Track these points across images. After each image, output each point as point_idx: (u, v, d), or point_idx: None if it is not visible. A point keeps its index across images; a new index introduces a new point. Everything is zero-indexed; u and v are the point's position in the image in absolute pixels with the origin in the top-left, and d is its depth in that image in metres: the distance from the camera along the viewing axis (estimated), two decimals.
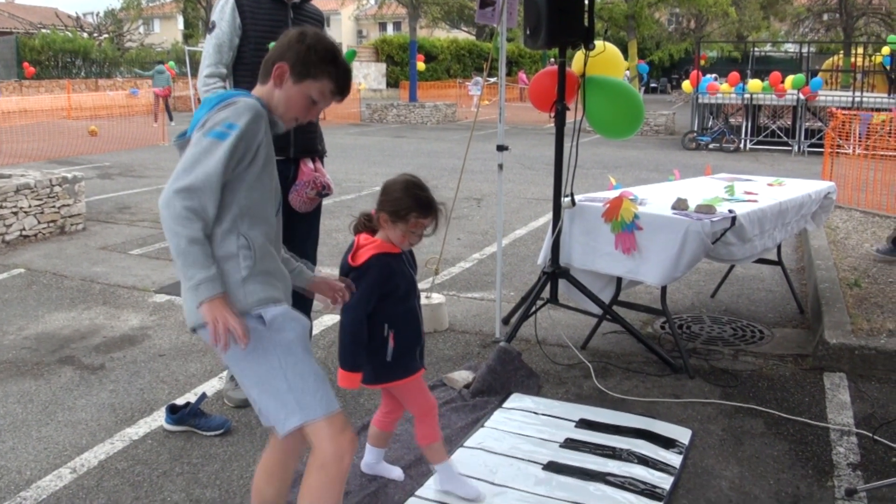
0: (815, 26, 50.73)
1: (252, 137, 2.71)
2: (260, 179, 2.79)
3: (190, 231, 2.57)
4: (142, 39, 52.30)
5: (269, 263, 2.83)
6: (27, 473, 3.99)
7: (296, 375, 2.73)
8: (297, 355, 2.76)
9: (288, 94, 2.85)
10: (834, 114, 14.33)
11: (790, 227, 6.12)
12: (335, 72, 2.87)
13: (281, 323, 2.77)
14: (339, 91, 2.92)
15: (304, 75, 2.83)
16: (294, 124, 2.95)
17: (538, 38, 5.32)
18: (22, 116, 25.59)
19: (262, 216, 2.82)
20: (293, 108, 2.88)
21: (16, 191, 8.81)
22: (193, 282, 2.58)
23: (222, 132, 2.66)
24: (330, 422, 2.76)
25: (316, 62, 2.82)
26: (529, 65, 53.70)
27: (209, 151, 2.63)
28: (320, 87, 2.86)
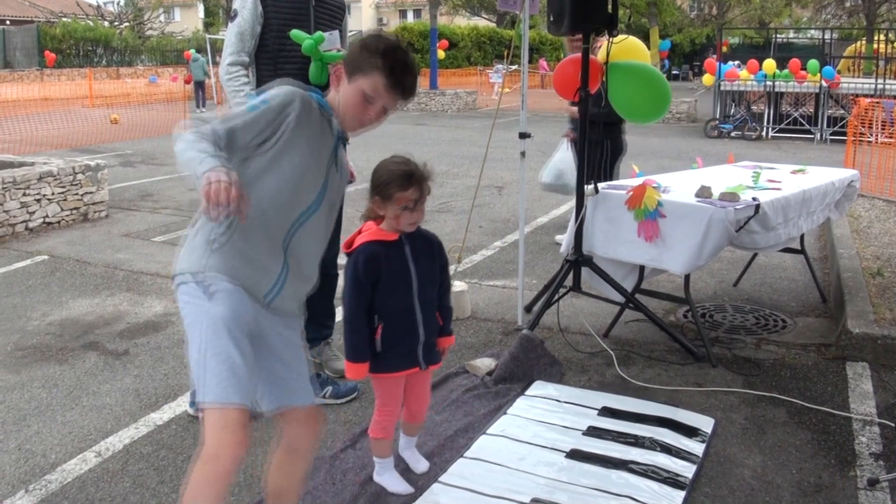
0: (837, 12, 50.28)
1: (278, 116, 2.68)
2: (277, 162, 2.72)
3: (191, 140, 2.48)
4: (162, 28, 52.48)
5: (252, 249, 2.72)
6: (52, 457, 4.03)
7: (209, 351, 2.58)
8: (219, 333, 2.60)
9: (345, 94, 2.82)
10: (857, 101, 14.22)
11: (815, 217, 6.09)
12: (384, 63, 2.75)
13: (220, 297, 2.64)
14: (395, 84, 2.79)
15: (354, 71, 2.78)
16: (360, 129, 2.89)
17: (561, 24, 5.30)
18: (43, 104, 25.71)
19: (268, 202, 2.71)
20: (349, 107, 2.82)
21: (39, 178, 8.86)
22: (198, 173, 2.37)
23: (256, 104, 2.68)
24: (221, 413, 2.55)
25: (365, 56, 2.77)
26: (550, 52, 53.48)
27: (241, 115, 2.65)
28: (372, 83, 2.76)
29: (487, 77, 40.94)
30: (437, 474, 3.81)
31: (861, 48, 30.66)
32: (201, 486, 2.55)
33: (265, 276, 2.76)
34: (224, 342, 2.59)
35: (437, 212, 10.09)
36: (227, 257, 2.68)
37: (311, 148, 2.78)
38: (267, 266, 2.76)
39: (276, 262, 2.77)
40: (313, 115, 2.77)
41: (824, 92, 19.51)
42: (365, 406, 4.58)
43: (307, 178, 2.79)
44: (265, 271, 2.76)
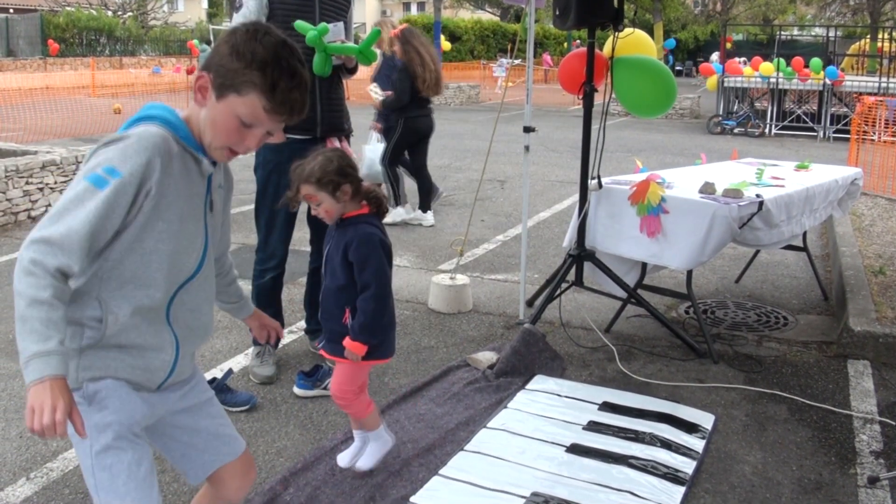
0: (841, 10, 50.23)
1: (138, 191, 2.10)
2: (140, 240, 2.16)
3: (33, 290, 1.97)
4: (166, 18, 52.43)
5: (135, 336, 2.22)
6: (53, 445, 4.03)
7: (103, 470, 2.16)
8: (112, 445, 2.17)
9: (212, 114, 2.18)
10: (860, 99, 14.20)
11: (818, 214, 6.09)
12: (264, 80, 2.12)
13: (103, 399, 2.19)
14: (279, 106, 2.17)
15: (225, 87, 2.14)
16: (228, 157, 2.27)
17: (567, 18, 5.29)
18: (46, 93, 25.69)
19: (139, 284, 2.19)
20: (221, 133, 2.19)
21: (42, 167, 8.86)
22: (24, 356, 1.95)
23: (100, 178, 2.05)
24: None
25: (238, 69, 2.12)
26: (554, 46, 53.49)
27: (81, 201, 2.03)
28: (250, 106, 2.14)
29: (491, 71, 40.91)
30: (438, 467, 3.81)
31: (865, 46, 30.62)
32: None
33: (155, 361, 2.29)
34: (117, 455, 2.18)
35: (439, 205, 10.08)
36: (106, 355, 2.21)
37: (179, 208, 2.22)
38: (157, 346, 2.29)
39: (165, 338, 2.30)
40: (175, 165, 2.18)
41: (828, 89, 19.48)
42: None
43: (182, 243, 2.26)
44: (156, 353, 2.29)
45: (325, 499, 3.55)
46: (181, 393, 2.44)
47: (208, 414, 2.52)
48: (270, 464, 3.87)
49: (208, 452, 2.51)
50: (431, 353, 5.30)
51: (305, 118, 4.71)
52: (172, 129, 2.19)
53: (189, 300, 2.33)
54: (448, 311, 6.05)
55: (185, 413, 2.46)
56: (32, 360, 1.94)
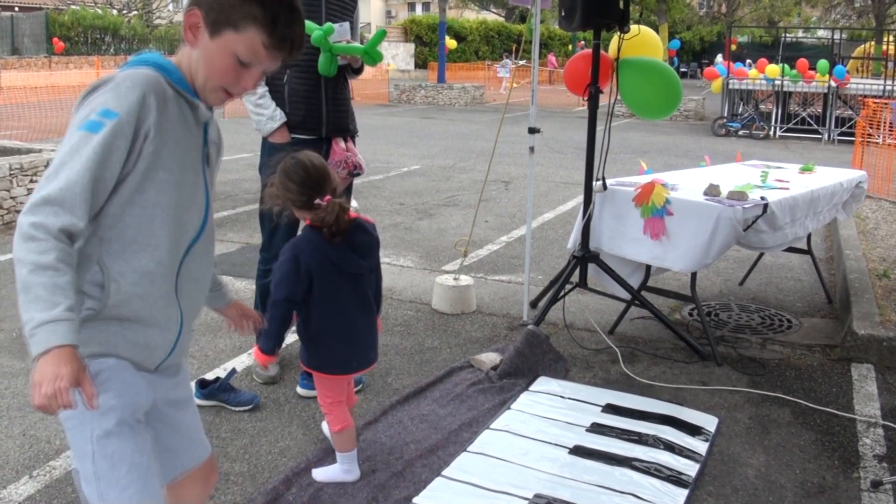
0: (846, 12, 50.20)
1: (136, 130, 1.96)
2: (141, 191, 2.01)
3: (35, 255, 1.81)
4: (171, 17, 52.40)
5: (137, 308, 2.08)
6: (56, 443, 4.03)
7: (104, 458, 2.02)
8: (115, 431, 2.04)
9: (206, 53, 2.04)
10: (865, 102, 14.18)
11: (822, 217, 6.08)
12: (264, 14, 2.00)
13: (106, 381, 2.03)
14: (281, 41, 2.05)
15: (221, 23, 2.01)
16: (223, 99, 2.13)
17: (573, 19, 5.29)
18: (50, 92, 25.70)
19: (143, 243, 2.05)
20: (215, 73, 2.06)
21: (46, 165, 8.86)
22: (28, 327, 1.81)
23: (95, 122, 1.91)
24: None
25: (235, 3, 1.99)
26: (559, 47, 53.48)
27: (77, 150, 1.90)
28: (248, 42, 2.02)
29: (495, 72, 40.93)
30: (441, 468, 3.81)
31: (870, 49, 30.58)
32: None
33: (157, 338, 2.16)
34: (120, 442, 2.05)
35: (443, 206, 10.09)
36: (106, 330, 2.07)
37: (179, 156, 2.08)
38: (162, 323, 2.16)
39: (171, 313, 2.17)
40: (170, 107, 2.04)
41: (832, 92, 19.47)
42: (369, 398, 4.59)
43: (184, 196, 2.12)
44: (160, 331, 2.16)
45: (328, 499, 3.55)
46: (174, 381, 2.31)
47: (192, 412, 2.42)
48: (273, 463, 3.87)
49: (179, 456, 2.37)
50: (435, 353, 5.30)
51: (311, 118, 4.73)
52: (164, 72, 2.05)
53: (194, 269, 2.20)
54: (451, 311, 6.05)
55: (172, 406, 2.33)
56: (38, 329, 1.78)
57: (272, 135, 4.54)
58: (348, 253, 3.38)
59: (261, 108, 4.50)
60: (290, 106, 4.55)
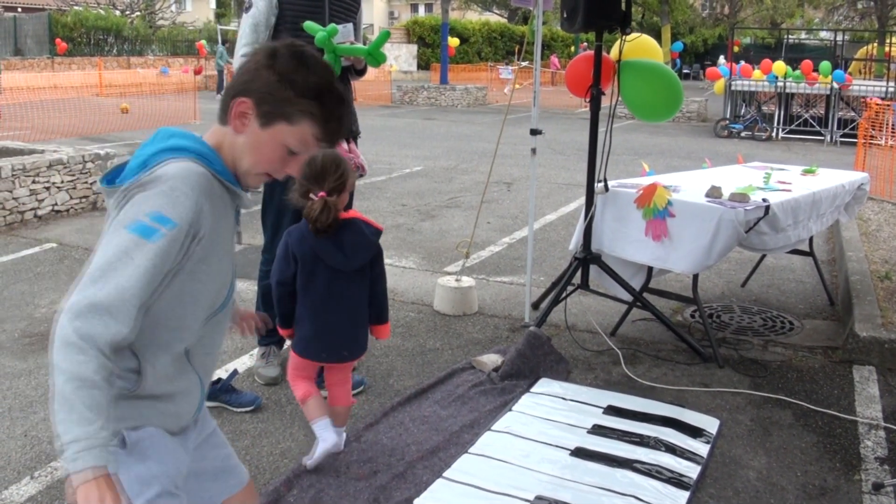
0: (849, 14, 50.19)
1: (190, 238, 1.93)
2: (181, 283, 2.00)
3: (77, 367, 1.74)
4: (174, 18, 52.48)
5: (168, 386, 2.08)
6: (58, 444, 4.03)
7: None
8: (155, 500, 2.02)
9: (255, 142, 2.04)
10: (867, 104, 14.17)
11: (825, 219, 6.08)
12: (320, 109, 2.02)
13: (145, 449, 2.03)
14: (330, 134, 2.08)
15: (275, 116, 2.02)
16: (264, 181, 2.14)
17: (575, 21, 5.29)
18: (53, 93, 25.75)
19: (176, 329, 2.05)
20: (263, 161, 2.06)
21: (48, 166, 8.87)
22: (64, 438, 1.73)
23: (148, 228, 1.85)
24: None
25: (291, 97, 2.00)
26: (562, 49, 53.46)
27: (128, 254, 1.83)
28: (300, 134, 2.03)
29: (498, 73, 40.92)
30: (442, 470, 3.81)
31: (873, 51, 30.58)
32: None
33: (185, 405, 2.17)
34: None
35: (445, 207, 10.09)
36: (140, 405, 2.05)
37: (221, 244, 2.09)
38: (187, 391, 2.16)
39: (191, 381, 2.17)
40: (217, 203, 2.03)
41: (835, 94, 19.46)
42: (370, 400, 4.59)
43: (219, 281, 2.13)
44: (186, 398, 2.16)
45: (329, 500, 3.55)
46: (196, 430, 2.29)
47: (214, 444, 2.39)
48: (274, 465, 3.87)
49: (216, 483, 2.38)
50: (436, 355, 5.30)
51: None
52: (208, 164, 2.01)
53: (214, 336, 2.20)
54: (453, 313, 6.05)
55: (204, 443, 2.33)
56: (74, 445, 1.72)
57: None
58: (332, 249, 3.58)
59: None
60: None
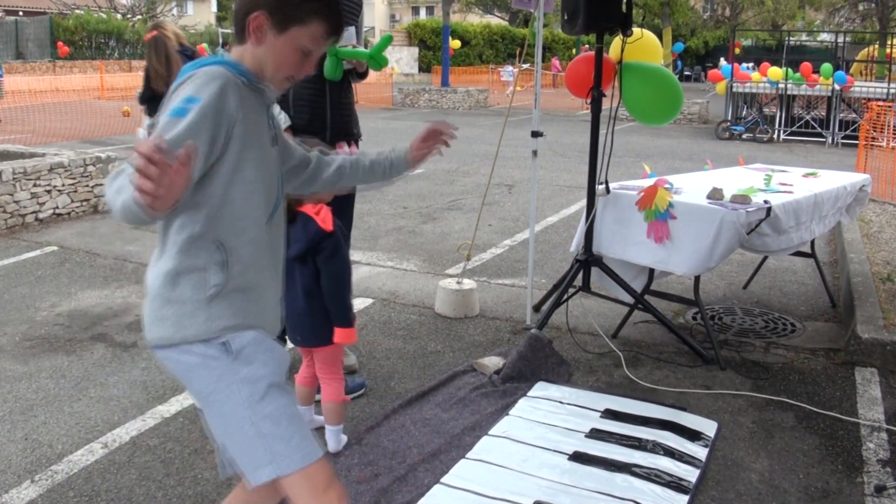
0: (850, 16, 50.13)
1: (220, 114, 2.13)
2: (239, 170, 2.22)
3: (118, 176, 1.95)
4: (175, 21, 52.51)
5: (252, 276, 2.31)
6: (59, 447, 4.03)
7: (265, 418, 2.22)
8: (268, 394, 2.24)
9: (274, 49, 2.28)
10: (869, 105, 14.16)
11: (828, 221, 6.07)
12: (325, 9, 2.29)
13: (251, 354, 2.25)
14: (335, 28, 2.33)
15: (288, 21, 2.25)
16: (288, 85, 2.38)
17: (576, 23, 5.28)
18: (54, 96, 25.77)
19: (248, 217, 2.28)
20: (284, 65, 2.30)
21: (49, 169, 8.88)
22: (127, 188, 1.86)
23: (180, 108, 2.08)
24: (309, 476, 2.26)
25: (300, 2, 2.25)
26: (563, 51, 53.45)
27: (166, 131, 2.02)
28: (312, 33, 2.28)
29: (499, 75, 40.93)
30: (443, 473, 3.80)
31: (874, 52, 30.57)
32: None
33: (273, 301, 2.42)
34: (274, 401, 2.26)
35: (446, 209, 10.09)
36: (234, 301, 2.27)
37: (259, 137, 2.30)
38: (270, 288, 2.40)
39: (273, 277, 2.41)
40: (246, 97, 2.25)
41: (836, 95, 19.45)
42: (372, 402, 4.58)
43: (269, 169, 2.36)
44: (271, 295, 2.41)
45: None
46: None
47: None
48: None
49: None
50: (438, 357, 5.30)
51: (315, 122, 4.74)
52: (230, 67, 2.25)
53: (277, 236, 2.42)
54: (455, 315, 6.04)
55: None
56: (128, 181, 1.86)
57: None
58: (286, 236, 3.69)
59: None
60: (294, 110, 4.54)
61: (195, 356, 2.24)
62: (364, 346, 5.31)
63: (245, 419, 2.22)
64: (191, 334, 2.22)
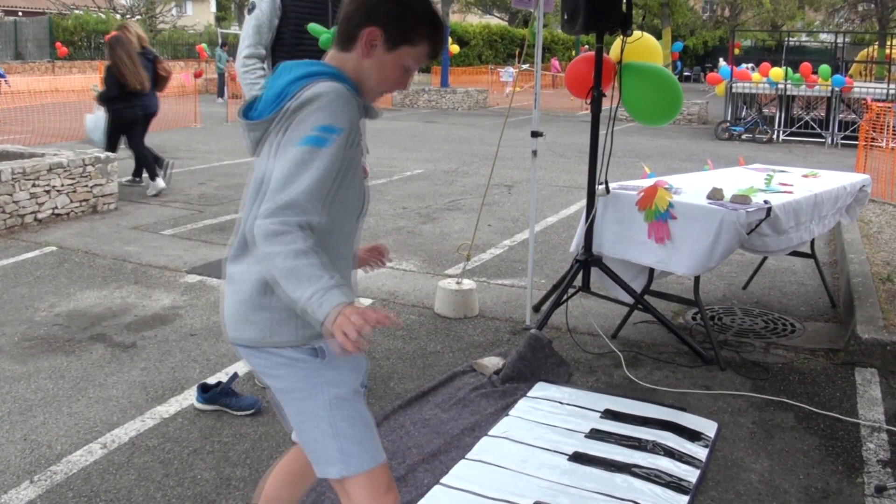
0: (850, 16, 50.15)
1: (350, 144, 2.26)
2: (342, 188, 2.31)
3: (292, 245, 2.09)
4: (174, 21, 52.49)
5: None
6: (58, 448, 4.03)
7: (343, 419, 2.36)
8: (348, 397, 2.39)
9: (381, 64, 2.37)
10: (868, 106, 14.15)
11: (827, 221, 6.06)
12: (434, 34, 2.41)
13: (335, 358, 2.36)
14: (436, 53, 2.47)
15: (400, 40, 2.36)
16: (379, 97, 2.50)
17: (575, 23, 5.28)
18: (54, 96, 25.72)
19: (341, 233, 2.40)
20: (387, 79, 2.41)
21: (49, 170, 8.86)
22: (313, 298, 2.07)
23: (318, 138, 2.17)
24: (372, 479, 2.39)
25: (415, 24, 2.36)
26: (562, 51, 53.45)
27: (305, 163, 2.15)
28: (417, 53, 2.40)
29: (498, 76, 40.93)
30: (443, 473, 3.80)
31: (873, 53, 30.58)
32: None
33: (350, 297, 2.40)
34: (353, 405, 2.40)
35: (446, 210, 10.08)
36: None
37: (358, 151, 2.38)
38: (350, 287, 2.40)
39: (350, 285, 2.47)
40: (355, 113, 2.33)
41: (836, 96, 19.44)
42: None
43: (360, 183, 2.45)
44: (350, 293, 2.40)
45: (330, 503, 3.54)
46: None
47: None
48: None
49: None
50: (437, 357, 5.29)
51: None
52: (343, 82, 2.31)
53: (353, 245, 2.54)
54: (454, 315, 6.03)
55: None
56: (310, 299, 2.06)
57: None
58: None
59: None
60: None
61: (283, 358, 2.36)
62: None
63: (324, 419, 2.36)
64: (282, 340, 2.34)
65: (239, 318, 2.37)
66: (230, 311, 2.40)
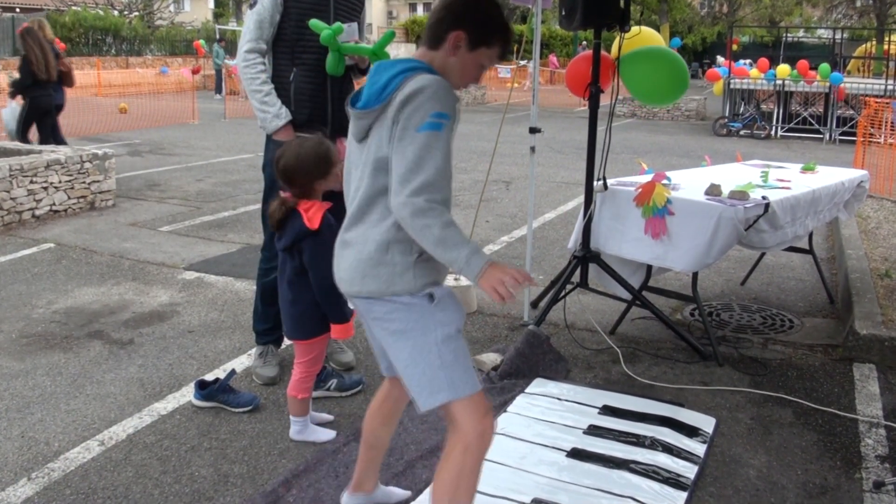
0: (848, 12, 50.16)
1: (456, 122, 2.69)
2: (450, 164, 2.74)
3: (440, 218, 2.55)
4: (172, 18, 52.40)
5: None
6: (55, 445, 4.02)
7: (450, 352, 2.74)
8: (453, 335, 2.77)
9: (463, 62, 2.79)
10: (866, 102, 14.16)
11: (822, 216, 6.06)
12: (507, 37, 2.83)
13: (445, 303, 2.79)
14: (504, 55, 2.88)
15: (479, 43, 2.78)
16: (459, 90, 2.86)
17: (573, 19, 5.27)
18: None
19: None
20: (467, 76, 2.83)
21: (46, 166, 8.85)
22: (462, 260, 2.56)
23: (434, 123, 2.59)
24: (475, 402, 2.77)
25: (493, 29, 2.78)
26: (560, 48, 53.39)
27: (430, 148, 2.58)
28: (492, 53, 2.82)
29: (496, 72, 40.88)
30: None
31: (871, 49, 30.56)
32: (469, 472, 2.80)
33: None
34: (457, 342, 2.77)
35: None
36: (430, 264, 2.77)
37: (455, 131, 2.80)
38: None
39: None
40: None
41: (834, 92, 19.44)
42: (369, 399, 4.56)
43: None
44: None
45: (329, 500, 3.54)
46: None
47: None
48: (273, 465, 3.86)
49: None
50: None
51: (316, 117, 4.74)
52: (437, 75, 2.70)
53: None
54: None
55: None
56: (471, 258, 2.56)
57: (277, 133, 4.52)
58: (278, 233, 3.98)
59: (266, 105, 4.48)
60: (295, 104, 4.54)
61: (399, 304, 2.75)
62: (361, 342, 5.29)
63: (433, 352, 2.73)
64: (401, 289, 2.74)
65: (359, 273, 2.77)
66: (350, 269, 2.81)
